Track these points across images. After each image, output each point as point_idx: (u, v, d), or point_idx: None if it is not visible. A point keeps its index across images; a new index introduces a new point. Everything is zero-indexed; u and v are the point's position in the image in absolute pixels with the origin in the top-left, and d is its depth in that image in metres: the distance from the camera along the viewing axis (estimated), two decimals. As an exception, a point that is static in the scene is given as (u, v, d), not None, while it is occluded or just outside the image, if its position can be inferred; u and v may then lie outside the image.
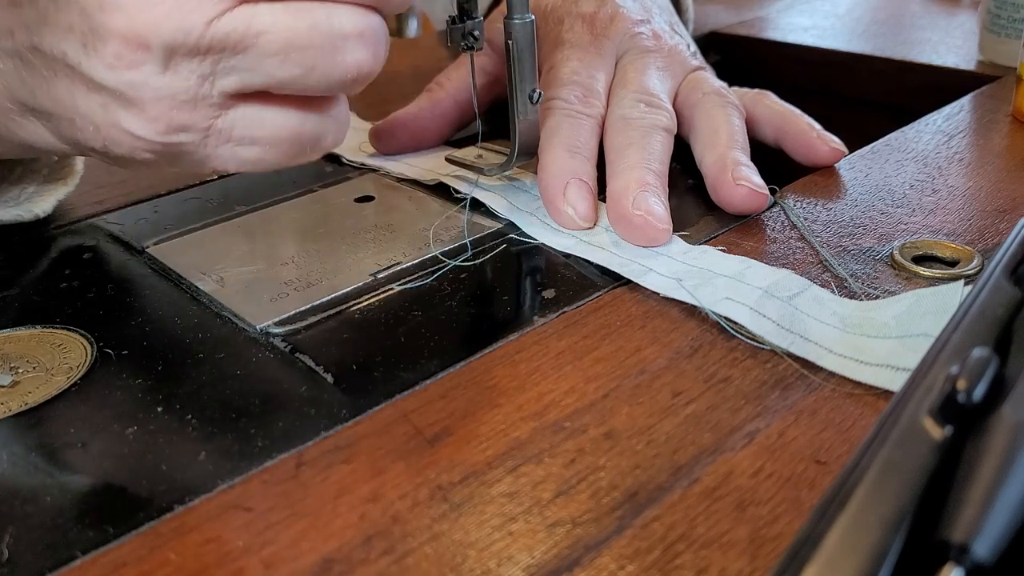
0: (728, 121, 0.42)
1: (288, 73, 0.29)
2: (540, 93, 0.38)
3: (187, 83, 0.28)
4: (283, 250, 0.38)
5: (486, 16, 0.47)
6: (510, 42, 0.37)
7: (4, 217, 0.40)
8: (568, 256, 0.36)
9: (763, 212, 0.39)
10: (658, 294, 0.33)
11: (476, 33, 0.38)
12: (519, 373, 0.29)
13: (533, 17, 0.37)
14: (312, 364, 0.30)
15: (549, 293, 0.33)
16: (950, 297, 0.30)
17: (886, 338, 0.29)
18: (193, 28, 0.27)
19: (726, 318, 0.31)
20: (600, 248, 0.36)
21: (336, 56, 0.29)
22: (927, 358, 0.23)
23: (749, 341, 0.30)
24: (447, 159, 0.43)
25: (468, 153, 0.44)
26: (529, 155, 0.40)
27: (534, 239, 0.37)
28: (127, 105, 0.28)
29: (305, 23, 0.28)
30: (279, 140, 0.30)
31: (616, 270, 0.34)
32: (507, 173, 0.41)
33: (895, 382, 0.27)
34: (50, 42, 0.28)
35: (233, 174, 0.46)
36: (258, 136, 0.30)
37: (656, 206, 0.36)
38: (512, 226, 0.39)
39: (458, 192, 0.42)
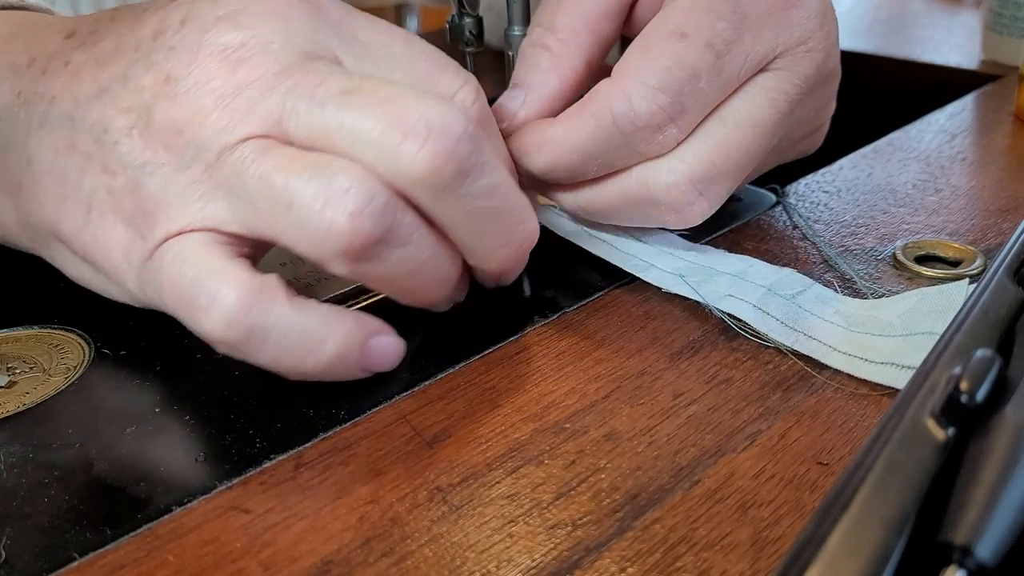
0: (667, 55, 0.31)
1: (262, 230, 0.26)
2: None
3: (185, 190, 0.27)
4: (280, 251, 0.38)
5: None
6: (510, 53, 0.37)
7: None
8: (568, 253, 0.36)
9: (765, 211, 0.39)
10: (659, 295, 0.33)
11: (475, 31, 0.38)
12: (519, 374, 0.29)
13: None
14: (311, 365, 0.29)
15: (549, 293, 0.33)
16: (955, 295, 0.30)
17: (891, 336, 0.29)
18: (230, 139, 0.26)
19: (730, 315, 0.31)
20: (602, 241, 0.35)
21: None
22: (929, 359, 0.23)
23: (753, 338, 0.30)
24: None
25: None
26: None
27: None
28: (135, 191, 0.27)
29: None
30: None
31: (617, 264, 0.34)
32: None
33: (900, 380, 0.27)
34: (96, 116, 0.28)
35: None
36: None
37: None
38: None
39: None
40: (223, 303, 0.25)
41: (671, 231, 0.36)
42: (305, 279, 0.35)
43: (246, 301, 0.25)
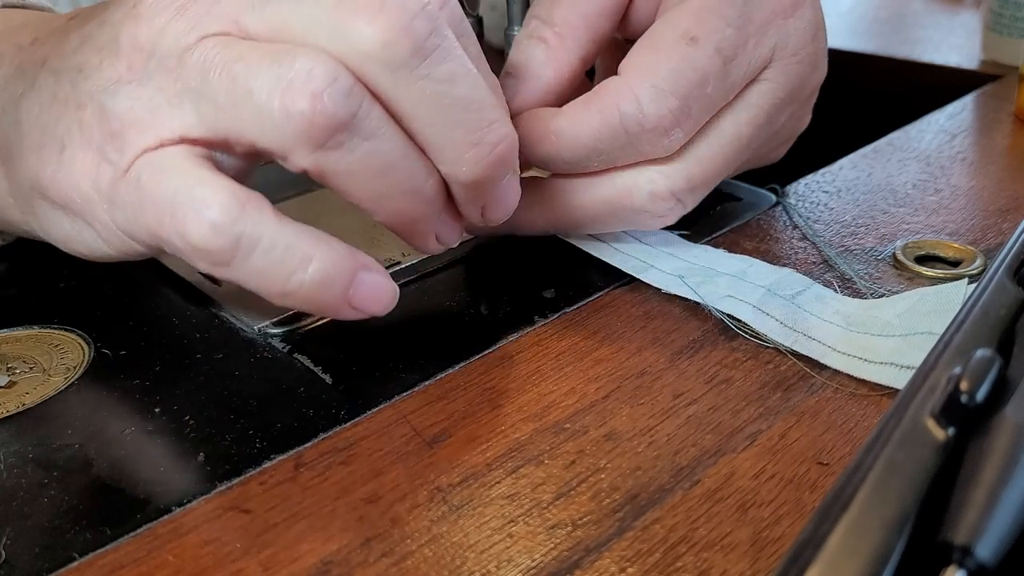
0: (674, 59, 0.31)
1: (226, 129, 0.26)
2: None
3: (149, 102, 0.26)
4: None
5: None
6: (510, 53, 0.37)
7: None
8: (568, 253, 0.36)
9: (765, 211, 0.39)
10: (658, 295, 0.33)
11: (475, 31, 0.38)
12: (519, 374, 0.29)
13: None
14: (311, 365, 0.30)
15: (549, 293, 0.33)
16: (954, 295, 0.30)
17: (890, 336, 0.29)
18: (189, 40, 0.26)
19: (729, 315, 0.31)
20: (600, 242, 0.35)
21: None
22: (929, 359, 0.23)
23: (752, 339, 0.30)
24: None
25: None
26: None
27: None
28: (102, 116, 0.27)
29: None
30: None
31: (617, 265, 0.34)
32: None
33: (899, 380, 0.27)
34: (76, 62, 0.28)
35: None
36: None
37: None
38: None
39: None
40: (209, 211, 0.25)
41: (671, 231, 0.36)
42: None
43: (234, 208, 0.25)
